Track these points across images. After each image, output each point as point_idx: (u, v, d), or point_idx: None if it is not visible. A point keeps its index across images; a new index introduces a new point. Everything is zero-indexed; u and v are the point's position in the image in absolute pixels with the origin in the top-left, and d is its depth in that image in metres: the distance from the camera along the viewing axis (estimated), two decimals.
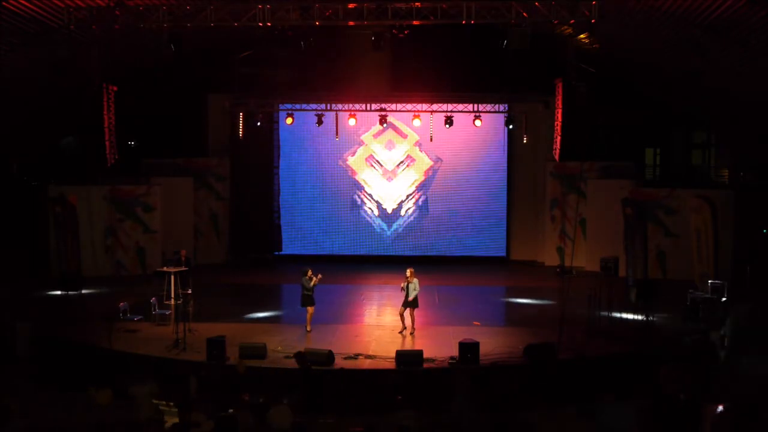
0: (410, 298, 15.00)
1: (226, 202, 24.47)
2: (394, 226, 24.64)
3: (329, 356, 13.08)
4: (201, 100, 24.19)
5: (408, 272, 15.08)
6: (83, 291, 16.95)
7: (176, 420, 9.25)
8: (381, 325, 16.36)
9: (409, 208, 24.59)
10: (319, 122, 22.36)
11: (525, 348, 13.54)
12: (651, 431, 5.84)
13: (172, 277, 16.45)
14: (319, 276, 15.25)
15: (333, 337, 14.97)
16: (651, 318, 15.00)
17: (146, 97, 23.28)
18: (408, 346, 14.30)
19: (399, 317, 15.24)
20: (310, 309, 15.26)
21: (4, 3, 12.66)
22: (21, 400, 9.86)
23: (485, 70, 22.16)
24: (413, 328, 15.16)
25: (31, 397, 11.57)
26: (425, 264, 22.97)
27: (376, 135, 24.30)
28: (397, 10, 14.34)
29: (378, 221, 24.66)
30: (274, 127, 24.49)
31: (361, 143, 24.42)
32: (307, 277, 15.19)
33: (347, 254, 24.63)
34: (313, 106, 23.04)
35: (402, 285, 15.02)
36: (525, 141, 23.25)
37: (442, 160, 24.40)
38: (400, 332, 15.17)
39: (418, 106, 22.82)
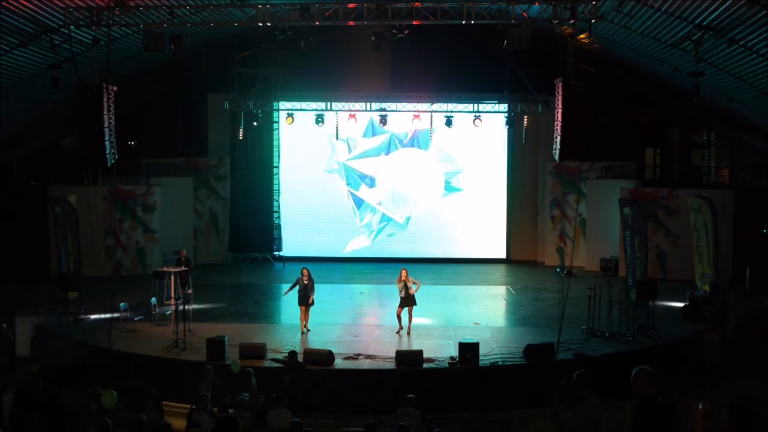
0: (410, 295, 14.98)
1: (226, 202, 24.49)
2: (395, 226, 24.64)
3: (329, 356, 13.08)
4: (201, 100, 24.21)
5: (403, 273, 15.05)
6: (83, 291, 16.95)
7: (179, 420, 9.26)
8: (381, 325, 16.36)
9: (409, 209, 24.58)
10: (319, 122, 22.39)
11: (525, 348, 13.54)
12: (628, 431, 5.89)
13: (172, 277, 16.45)
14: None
15: (333, 337, 14.97)
16: (650, 318, 14.98)
17: (146, 97, 23.31)
18: (408, 346, 14.30)
19: (397, 318, 15.23)
20: (306, 308, 15.24)
21: (4, 3, 12.65)
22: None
23: (485, 70, 22.17)
24: (410, 327, 15.14)
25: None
26: (425, 264, 23.00)
27: (377, 137, 24.30)
28: (397, 10, 14.33)
29: (378, 221, 24.66)
30: (273, 127, 24.53)
31: (360, 143, 24.42)
32: (303, 277, 15.19)
33: (347, 254, 24.65)
34: (313, 106, 23.10)
35: (399, 285, 14.99)
36: (525, 141, 23.29)
37: (442, 161, 24.40)
38: (398, 332, 15.16)
39: (418, 106, 22.86)
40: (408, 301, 14.97)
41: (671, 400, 5.90)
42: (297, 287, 15.23)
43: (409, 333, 15.08)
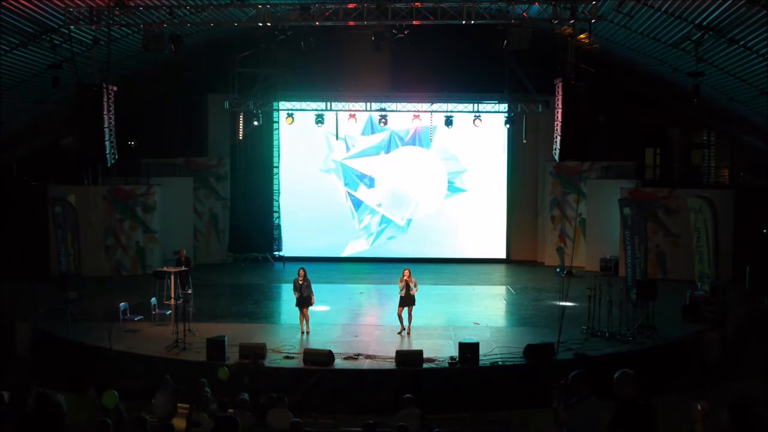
0: (410, 295, 14.98)
1: (226, 202, 24.49)
2: (395, 228, 24.60)
3: (329, 356, 13.08)
4: (201, 100, 24.21)
5: (406, 272, 15.05)
6: (83, 291, 16.95)
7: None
8: (381, 325, 16.36)
9: (410, 210, 24.55)
10: (319, 122, 22.39)
11: (525, 348, 13.54)
12: None
13: (172, 277, 16.45)
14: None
15: (333, 337, 14.97)
16: (650, 318, 14.98)
17: (146, 97, 23.31)
18: (408, 346, 14.30)
19: (398, 318, 15.22)
20: (305, 310, 15.23)
21: (4, 3, 12.65)
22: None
23: (485, 70, 22.17)
24: (409, 327, 15.14)
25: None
26: (425, 264, 23.00)
27: (376, 135, 24.26)
28: (397, 10, 14.33)
29: (377, 224, 24.63)
30: (273, 127, 24.53)
31: (359, 141, 24.37)
32: (299, 277, 15.17)
33: (347, 254, 24.63)
34: (313, 106, 23.09)
35: (401, 284, 14.98)
36: (525, 141, 23.29)
37: (445, 160, 24.35)
38: (399, 333, 15.15)
39: (418, 106, 22.84)
40: (408, 300, 14.97)
41: (649, 401, 5.99)
42: (297, 289, 15.21)
43: (408, 333, 15.08)
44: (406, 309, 15.05)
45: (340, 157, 24.40)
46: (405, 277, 14.93)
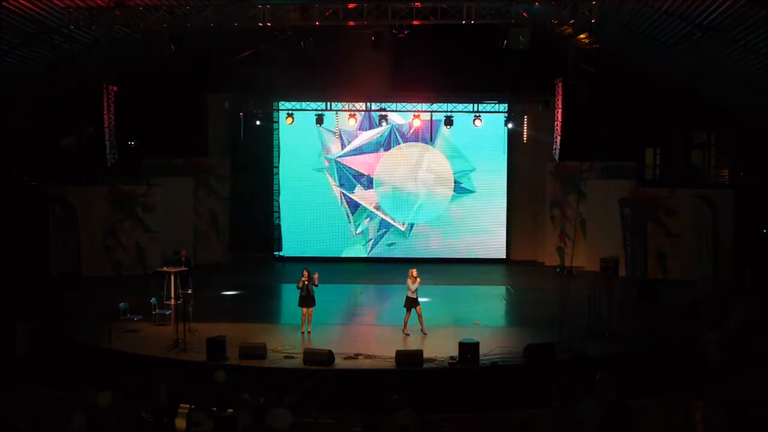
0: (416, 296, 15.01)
1: (226, 202, 24.49)
2: (396, 233, 24.55)
3: (329, 356, 13.09)
4: (201, 100, 24.20)
5: (415, 272, 15.03)
6: (83, 291, 16.95)
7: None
8: (381, 325, 16.35)
9: (409, 209, 24.53)
10: (319, 122, 22.38)
11: (525, 348, 13.54)
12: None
13: (172, 277, 16.44)
14: (316, 275, 15.24)
15: (333, 337, 14.96)
16: (650, 318, 14.99)
17: (146, 97, 23.30)
18: (408, 346, 14.30)
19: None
20: (309, 309, 15.22)
21: (4, 3, 12.66)
22: (21, 400, 9.86)
23: (485, 70, 22.14)
24: (406, 326, 15.14)
25: (31, 397, 11.56)
26: (425, 264, 22.97)
27: (376, 134, 24.23)
28: (397, 10, 14.33)
29: (376, 229, 24.56)
30: (273, 127, 24.51)
31: (358, 139, 24.33)
32: (303, 278, 15.17)
33: (347, 255, 24.61)
34: (313, 105, 23.08)
35: (413, 285, 14.93)
36: (525, 141, 23.28)
37: (451, 158, 24.28)
38: (407, 335, 15.10)
39: (418, 106, 22.82)
40: (416, 301, 14.99)
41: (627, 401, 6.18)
42: (300, 290, 15.20)
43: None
44: (413, 309, 15.04)
45: (335, 154, 24.31)
46: (416, 277, 14.92)
